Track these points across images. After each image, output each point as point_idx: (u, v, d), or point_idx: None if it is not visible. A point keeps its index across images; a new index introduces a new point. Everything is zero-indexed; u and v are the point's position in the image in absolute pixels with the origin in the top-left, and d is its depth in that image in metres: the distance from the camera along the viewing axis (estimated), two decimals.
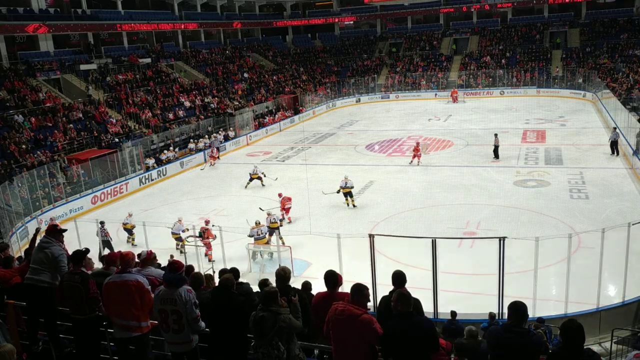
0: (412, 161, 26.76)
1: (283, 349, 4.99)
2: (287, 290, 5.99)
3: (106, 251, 15.18)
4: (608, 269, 12.09)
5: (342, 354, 5.09)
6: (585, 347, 4.45)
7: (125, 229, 18.73)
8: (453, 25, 59.94)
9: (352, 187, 20.84)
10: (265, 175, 24.88)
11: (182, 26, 49.65)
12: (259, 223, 16.40)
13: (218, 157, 30.79)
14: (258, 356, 5.02)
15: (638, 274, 11.63)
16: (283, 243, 16.41)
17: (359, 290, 5.16)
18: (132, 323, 5.77)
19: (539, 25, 55.20)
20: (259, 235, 15.97)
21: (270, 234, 16.61)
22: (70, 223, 17.70)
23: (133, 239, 18.56)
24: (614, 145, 25.73)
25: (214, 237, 16.09)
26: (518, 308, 4.75)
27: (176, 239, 17.16)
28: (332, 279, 5.91)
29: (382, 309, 5.97)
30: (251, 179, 24.89)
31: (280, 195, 19.81)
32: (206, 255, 16.24)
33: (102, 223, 17.19)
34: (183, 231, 16.97)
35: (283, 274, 6.21)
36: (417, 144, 27.24)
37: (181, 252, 16.50)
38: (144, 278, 5.93)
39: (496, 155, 26.63)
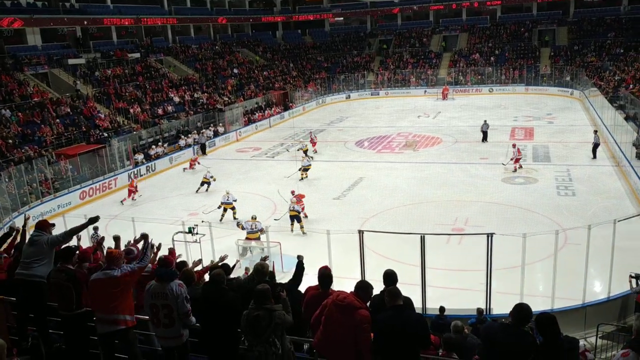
0: (515, 169, 23.95)
1: (279, 345, 5.02)
2: (273, 285, 6.00)
3: None
4: (594, 265, 12.26)
5: (329, 339, 5.10)
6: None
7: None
8: (443, 23, 60.14)
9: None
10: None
11: (167, 21, 49.34)
12: (255, 218, 16.52)
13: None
14: (255, 355, 4.99)
15: (623, 270, 11.77)
16: (303, 232, 17.80)
17: (365, 287, 5.21)
18: (114, 317, 5.74)
19: (528, 23, 55.55)
20: (253, 229, 16.03)
21: (292, 221, 18.05)
22: (58, 219, 17.59)
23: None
24: (595, 149, 25.41)
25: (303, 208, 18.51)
26: (522, 310, 4.73)
27: (227, 208, 19.51)
28: (328, 279, 5.90)
29: (374, 306, 6.01)
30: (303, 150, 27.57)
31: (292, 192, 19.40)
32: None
33: (95, 229, 15.92)
34: (235, 200, 19.52)
35: (261, 269, 6.23)
36: (514, 145, 24.62)
37: (234, 217, 19.31)
38: (126, 268, 5.86)
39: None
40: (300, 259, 7.13)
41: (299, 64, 56.94)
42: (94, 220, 6.95)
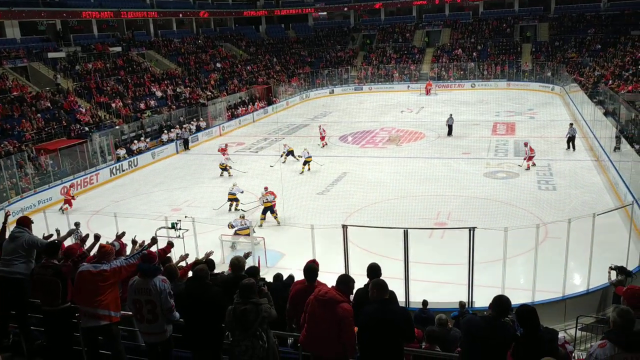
0: (528, 167, 23.33)
1: (266, 338, 5.03)
2: (255, 280, 6.02)
3: None
4: (573, 258, 12.43)
5: (313, 334, 5.14)
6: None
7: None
8: (426, 18, 60.35)
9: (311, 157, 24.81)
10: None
11: (147, 14, 48.83)
12: (243, 217, 16.63)
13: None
14: (242, 349, 4.97)
15: (602, 263, 11.97)
16: (278, 222, 18.07)
17: (345, 281, 5.23)
18: (98, 311, 5.71)
19: (510, 18, 55.98)
20: (243, 225, 16.04)
21: (264, 213, 18.21)
22: (39, 214, 17.38)
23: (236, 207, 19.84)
24: (570, 141, 26.08)
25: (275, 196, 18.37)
26: (501, 302, 4.80)
27: (232, 199, 19.69)
28: (313, 272, 5.96)
29: (358, 301, 6.04)
30: (288, 154, 26.61)
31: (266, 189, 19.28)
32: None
33: (77, 225, 15.74)
34: (242, 192, 19.84)
35: (237, 263, 6.23)
36: (526, 144, 24.08)
37: (236, 209, 19.52)
38: (116, 263, 5.88)
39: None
40: (292, 278, 7.34)
41: (283, 58, 56.76)
42: (73, 230, 6.95)
